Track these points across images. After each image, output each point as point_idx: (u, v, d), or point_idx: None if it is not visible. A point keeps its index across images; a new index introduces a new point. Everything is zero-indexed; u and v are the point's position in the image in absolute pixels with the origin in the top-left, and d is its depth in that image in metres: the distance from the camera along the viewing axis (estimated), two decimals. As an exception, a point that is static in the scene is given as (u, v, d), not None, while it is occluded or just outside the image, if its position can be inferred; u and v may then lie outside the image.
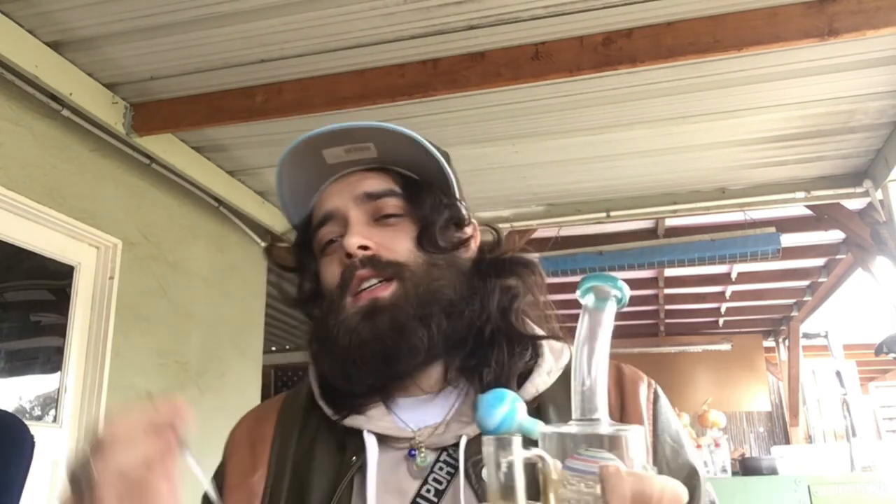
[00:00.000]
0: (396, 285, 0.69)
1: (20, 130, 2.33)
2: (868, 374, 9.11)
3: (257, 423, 0.76)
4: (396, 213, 0.73)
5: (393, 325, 0.66)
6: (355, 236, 0.70)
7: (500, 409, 0.45)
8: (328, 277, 0.73)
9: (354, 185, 0.74)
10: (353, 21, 2.12)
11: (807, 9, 2.01)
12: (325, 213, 0.74)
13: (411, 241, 0.71)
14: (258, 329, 3.83)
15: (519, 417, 0.46)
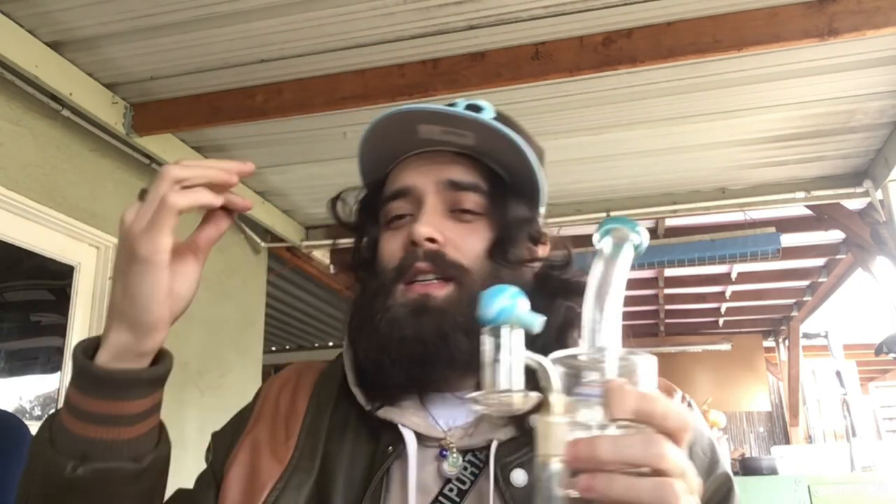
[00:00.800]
0: (453, 288, 0.65)
1: (20, 130, 2.33)
2: (868, 374, 9.11)
3: (293, 393, 0.74)
4: (475, 210, 0.69)
5: (438, 329, 0.63)
6: (426, 226, 0.66)
7: (499, 300, 0.44)
8: (386, 254, 0.69)
9: (441, 167, 0.70)
10: (353, 21, 2.12)
11: (807, 9, 2.01)
12: (402, 188, 0.70)
13: (482, 245, 0.68)
14: (258, 329, 3.83)
15: (519, 310, 0.44)
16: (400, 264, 0.67)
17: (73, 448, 0.57)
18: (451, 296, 0.65)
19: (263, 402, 0.75)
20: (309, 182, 3.33)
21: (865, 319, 6.35)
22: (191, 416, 3.09)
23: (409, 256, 0.66)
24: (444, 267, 0.65)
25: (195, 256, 0.66)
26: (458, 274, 0.66)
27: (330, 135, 2.82)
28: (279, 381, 0.77)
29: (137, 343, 0.57)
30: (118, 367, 0.57)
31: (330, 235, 4.01)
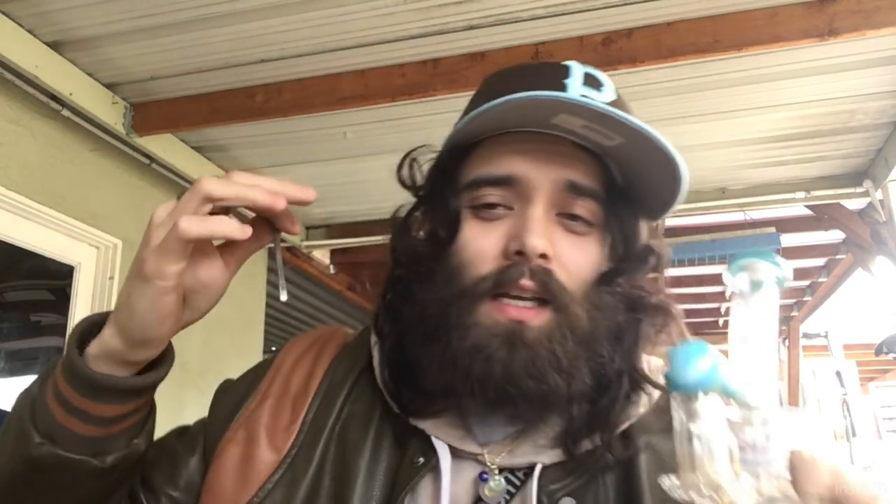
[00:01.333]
0: (551, 316, 0.56)
1: (20, 130, 2.33)
2: (868, 374, 9.11)
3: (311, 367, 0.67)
4: (588, 219, 0.59)
5: (531, 366, 0.54)
6: (542, 237, 0.55)
7: (700, 362, 0.37)
8: (475, 253, 0.57)
9: (560, 162, 0.58)
10: (353, 21, 2.12)
11: (807, 9, 2.01)
12: (508, 175, 0.58)
13: (592, 266, 0.58)
14: (258, 329, 3.83)
15: (722, 373, 0.37)
16: (498, 275, 0.56)
17: (44, 425, 0.54)
18: (549, 325, 0.55)
19: (276, 373, 0.68)
20: (309, 182, 3.25)
21: (865, 319, 6.36)
22: (191, 417, 3.06)
23: (512, 269, 0.55)
24: (549, 289, 0.55)
25: (226, 266, 0.59)
26: (561, 300, 0.55)
27: (330, 135, 2.82)
28: (297, 350, 0.70)
29: (126, 352, 0.55)
30: (98, 371, 0.54)
31: (330, 235, 4.00)
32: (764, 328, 0.39)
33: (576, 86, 0.58)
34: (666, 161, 0.55)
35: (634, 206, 0.61)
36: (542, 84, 0.57)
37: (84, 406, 0.54)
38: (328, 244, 3.95)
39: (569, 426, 0.57)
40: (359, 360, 0.66)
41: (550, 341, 0.55)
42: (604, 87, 0.60)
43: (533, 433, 0.59)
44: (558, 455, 0.57)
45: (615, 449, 0.57)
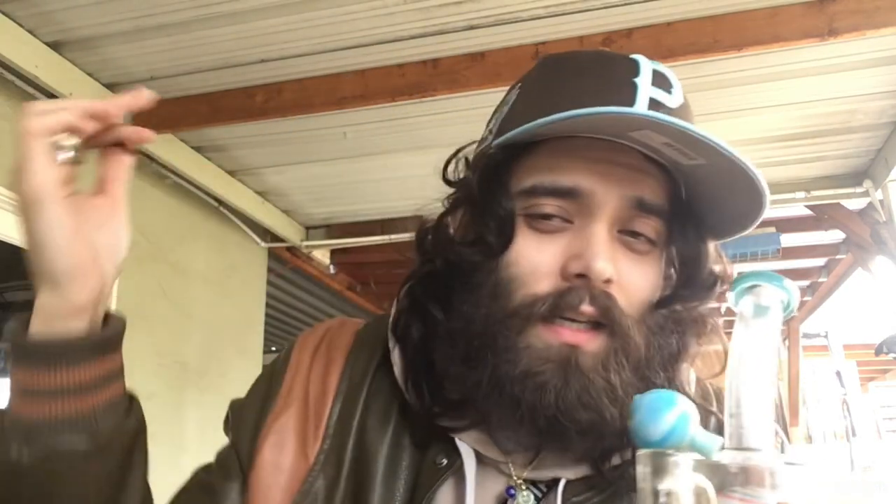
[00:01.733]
0: (606, 340, 0.52)
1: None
2: (868, 374, 9.11)
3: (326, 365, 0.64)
4: (650, 237, 0.55)
5: (584, 393, 0.50)
6: (608, 261, 0.51)
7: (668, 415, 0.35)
8: (526, 266, 0.53)
9: (631, 177, 0.53)
10: (353, 21, 2.12)
11: (807, 9, 2.01)
12: (573, 188, 0.53)
13: (651, 287, 0.55)
14: (258, 329, 3.83)
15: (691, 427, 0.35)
16: (557, 298, 0.51)
17: (16, 430, 0.49)
18: (605, 351, 0.52)
19: (295, 375, 0.64)
20: (309, 182, 3.33)
21: (865, 319, 6.35)
22: (191, 416, 3.09)
23: (573, 293, 0.51)
24: (610, 316, 0.51)
25: (110, 202, 0.54)
26: (619, 324, 0.52)
27: (330, 135, 2.82)
28: (310, 347, 0.66)
29: (62, 298, 0.49)
30: (51, 332, 0.49)
31: (330, 235, 3.98)
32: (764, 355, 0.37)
33: (645, 86, 0.55)
34: (746, 183, 0.51)
35: (701, 226, 0.56)
36: (612, 83, 0.54)
37: (53, 381, 0.49)
38: (328, 244, 3.95)
39: (599, 443, 0.54)
40: (375, 355, 0.63)
41: (607, 369, 0.51)
42: (673, 89, 0.57)
43: (556, 450, 0.56)
44: (584, 470, 0.55)
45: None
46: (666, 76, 0.57)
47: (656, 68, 0.57)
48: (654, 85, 0.55)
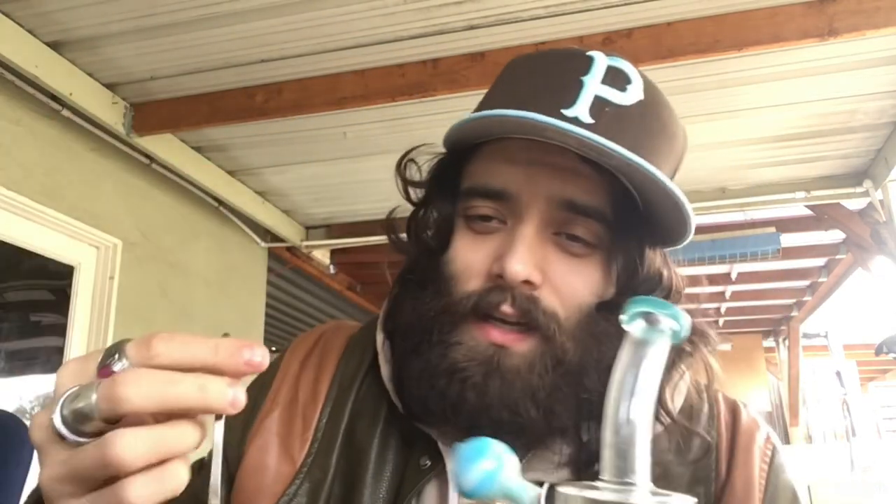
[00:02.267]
0: (536, 343, 0.52)
1: (20, 130, 2.33)
2: (868, 374, 9.12)
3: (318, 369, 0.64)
4: (589, 240, 0.54)
5: (507, 397, 0.51)
6: (524, 263, 0.51)
7: (479, 465, 0.35)
8: (463, 268, 0.54)
9: (560, 177, 0.53)
10: (353, 21, 2.12)
11: (807, 9, 2.01)
12: (499, 191, 0.54)
13: (590, 291, 0.53)
14: (258, 329, 3.83)
15: (503, 477, 0.35)
16: (479, 298, 0.53)
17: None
18: (532, 354, 0.52)
19: (283, 378, 0.64)
20: (309, 182, 3.33)
21: (865, 319, 6.36)
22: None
23: (493, 293, 0.52)
24: (533, 318, 0.51)
25: None
26: (546, 326, 0.52)
27: (330, 135, 2.82)
28: (302, 352, 0.66)
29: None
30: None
31: (330, 235, 3.98)
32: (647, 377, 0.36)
33: (593, 84, 0.53)
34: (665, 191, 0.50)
35: (646, 231, 0.54)
36: (557, 83, 0.53)
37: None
38: (328, 244, 3.96)
39: (580, 451, 0.54)
40: (366, 357, 0.63)
41: (530, 371, 0.51)
42: (630, 85, 0.54)
43: (537, 460, 0.55)
44: (567, 473, 0.54)
45: None
46: (623, 73, 0.55)
47: (614, 65, 0.55)
48: (605, 83, 0.53)
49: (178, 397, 0.34)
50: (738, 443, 0.58)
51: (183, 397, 0.34)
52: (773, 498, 0.56)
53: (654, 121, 0.55)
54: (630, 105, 0.54)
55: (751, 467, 0.57)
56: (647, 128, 0.54)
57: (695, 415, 0.59)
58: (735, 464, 0.57)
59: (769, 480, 0.57)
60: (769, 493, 0.56)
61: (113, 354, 0.35)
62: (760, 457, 0.58)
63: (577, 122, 0.50)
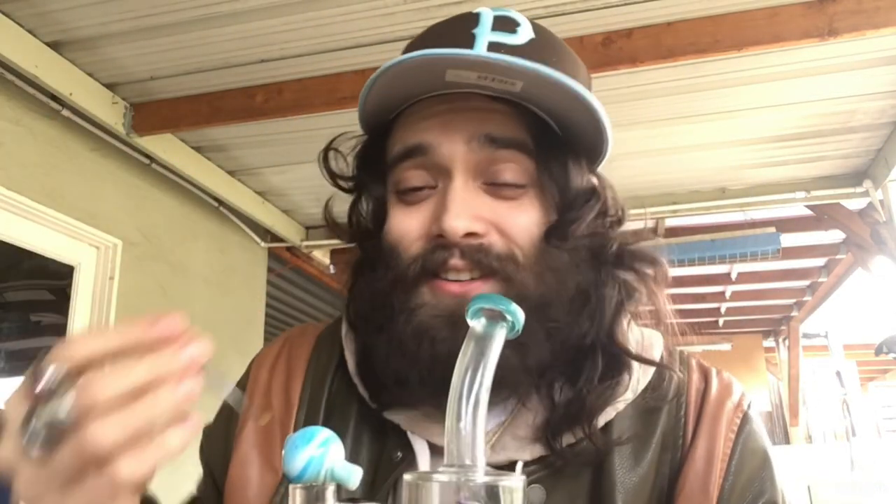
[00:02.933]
0: (496, 286, 0.52)
1: (20, 130, 2.33)
2: (868, 374, 9.12)
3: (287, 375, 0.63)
4: (518, 182, 0.54)
5: None
6: (461, 217, 0.51)
7: (305, 451, 0.37)
8: (402, 238, 0.54)
9: (474, 118, 0.53)
10: (353, 21, 2.12)
11: (807, 9, 2.01)
12: (418, 144, 0.54)
13: (535, 226, 0.53)
14: (258, 329, 3.83)
15: (329, 462, 0.37)
16: (424, 259, 0.53)
17: None
18: None
19: (253, 390, 0.64)
20: (309, 182, 3.33)
21: (865, 319, 6.36)
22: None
23: (437, 251, 0.52)
24: (486, 265, 0.52)
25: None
26: (503, 268, 0.52)
27: (330, 135, 2.80)
28: (268, 362, 0.66)
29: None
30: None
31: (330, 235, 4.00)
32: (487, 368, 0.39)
33: (483, 33, 0.54)
34: (576, 97, 0.51)
35: (569, 152, 0.55)
36: (447, 40, 0.54)
37: None
38: (328, 244, 3.96)
39: (549, 417, 0.54)
40: (334, 352, 0.63)
41: None
42: (519, 28, 0.56)
43: (512, 426, 0.55)
44: (539, 450, 0.54)
45: (597, 442, 0.54)
46: (511, 18, 0.57)
47: (500, 14, 0.56)
48: (495, 30, 0.54)
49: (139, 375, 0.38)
50: (704, 411, 0.57)
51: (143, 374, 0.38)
52: (739, 466, 0.55)
53: (551, 52, 0.56)
54: (524, 44, 0.55)
55: (714, 437, 0.56)
56: (545, 57, 0.54)
57: (665, 382, 0.59)
58: (699, 433, 0.56)
59: (735, 449, 0.55)
60: (735, 462, 0.55)
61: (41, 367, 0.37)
62: (727, 426, 0.56)
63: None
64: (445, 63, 0.51)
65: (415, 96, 0.55)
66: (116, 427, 0.36)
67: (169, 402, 0.39)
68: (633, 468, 0.55)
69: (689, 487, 0.54)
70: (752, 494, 0.55)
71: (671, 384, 0.59)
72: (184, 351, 0.40)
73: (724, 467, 0.55)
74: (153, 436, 0.38)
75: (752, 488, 0.55)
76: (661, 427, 0.57)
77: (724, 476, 0.54)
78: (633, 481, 0.54)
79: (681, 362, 0.61)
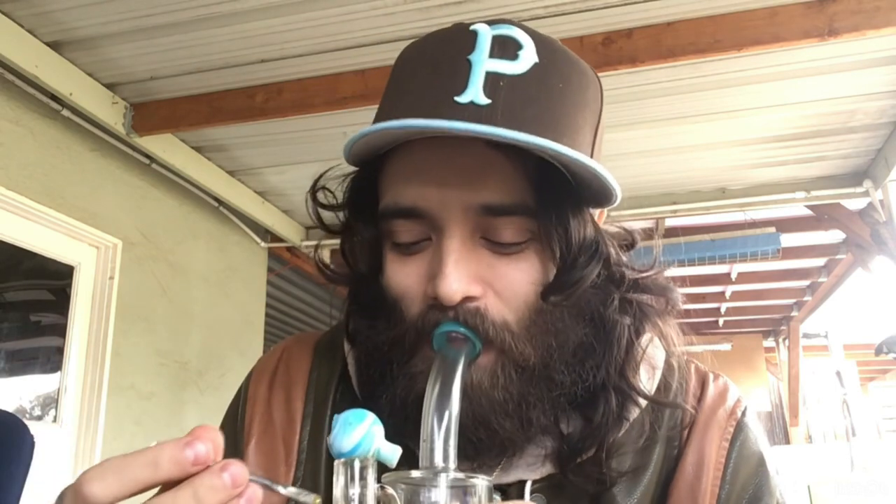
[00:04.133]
0: (494, 358, 0.50)
1: (20, 130, 2.33)
2: (868, 374, 9.12)
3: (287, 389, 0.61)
4: (518, 241, 0.50)
5: (477, 416, 0.49)
6: (458, 281, 0.48)
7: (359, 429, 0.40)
8: (399, 291, 0.52)
9: (467, 183, 0.49)
10: (353, 21, 2.12)
11: (807, 9, 2.01)
12: (411, 209, 0.50)
13: (532, 285, 0.50)
14: (258, 329, 3.83)
15: (377, 442, 0.40)
16: (421, 323, 0.50)
17: None
18: (493, 367, 0.50)
19: (253, 407, 0.61)
20: (309, 182, 3.26)
21: (865, 319, 6.36)
22: (191, 416, 3.09)
23: (432, 313, 0.50)
24: (486, 329, 0.49)
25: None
26: (499, 338, 0.49)
27: (330, 135, 2.82)
28: (267, 375, 0.63)
29: None
30: None
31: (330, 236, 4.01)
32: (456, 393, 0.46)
33: (481, 62, 0.49)
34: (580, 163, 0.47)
35: (572, 202, 0.51)
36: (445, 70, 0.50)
37: None
38: (328, 244, 3.96)
39: (561, 446, 0.54)
40: (336, 365, 0.61)
41: (494, 387, 0.50)
42: (521, 51, 0.50)
43: (520, 456, 0.54)
44: (548, 469, 0.54)
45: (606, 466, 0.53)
46: (511, 39, 0.51)
47: (500, 33, 0.51)
48: (494, 56, 0.50)
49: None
50: (697, 419, 0.57)
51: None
52: (734, 474, 0.54)
53: (556, 80, 0.51)
54: (526, 72, 0.50)
55: (704, 445, 0.55)
56: (549, 90, 0.50)
57: (666, 390, 0.58)
58: (691, 440, 0.56)
59: (729, 458, 0.55)
60: (730, 470, 0.54)
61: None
62: (720, 434, 0.56)
63: (472, 108, 0.47)
64: (427, 134, 0.48)
65: (406, 138, 0.51)
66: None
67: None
68: (634, 481, 0.55)
69: (677, 494, 0.54)
70: (747, 501, 0.54)
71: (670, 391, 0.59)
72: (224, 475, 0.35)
73: (719, 476, 0.54)
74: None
75: (747, 495, 0.54)
76: (665, 433, 0.57)
77: (720, 485, 0.54)
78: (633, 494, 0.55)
79: (679, 370, 0.60)
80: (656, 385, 0.57)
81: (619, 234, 0.57)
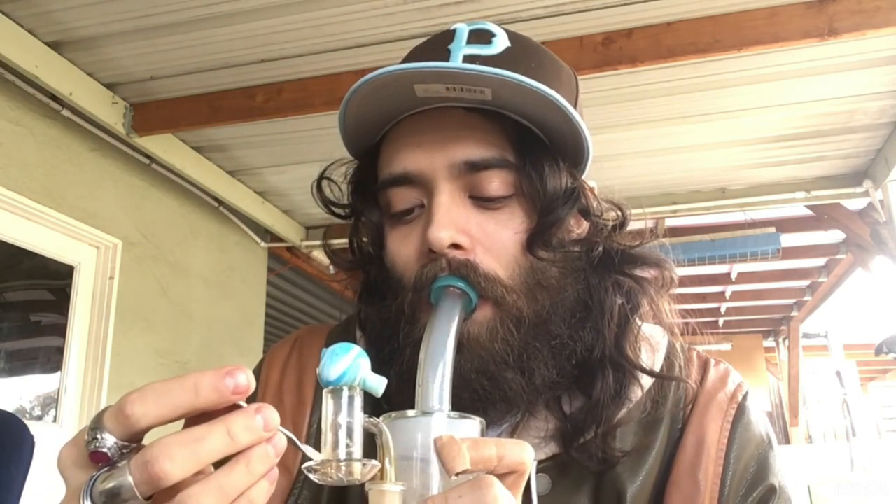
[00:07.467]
0: (491, 311, 0.53)
1: (20, 130, 2.33)
2: (868, 374, 9.12)
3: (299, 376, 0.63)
4: (502, 194, 0.54)
5: (481, 369, 0.52)
6: (446, 228, 0.52)
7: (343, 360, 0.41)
8: (399, 262, 0.56)
9: (450, 141, 0.53)
10: (353, 21, 2.12)
11: (807, 9, 2.01)
12: (402, 174, 0.55)
13: (518, 237, 0.54)
14: (258, 329, 3.83)
15: (363, 372, 0.42)
16: (416, 278, 0.53)
17: None
18: (490, 321, 0.53)
19: (265, 389, 0.64)
20: (309, 182, 3.25)
21: (865, 319, 6.36)
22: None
23: (427, 267, 0.53)
24: (476, 281, 0.52)
25: None
26: (493, 291, 0.52)
27: (330, 135, 2.82)
28: (280, 359, 0.66)
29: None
30: None
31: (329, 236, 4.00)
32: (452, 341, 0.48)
33: (460, 48, 0.55)
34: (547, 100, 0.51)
35: (548, 156, 0.54)
36: (424, 59, 0.55)
37: None
38: (334, 243, 3.95)
39: (565, 425, 0.55)
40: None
41: (494, 339, 0.52)
42: (495, 38, 0.57)
43: (525, 431, 0.56)
44: (553, 449, 0.55)
45: (610, 451, 0.54)
46: (487, 30, 0.58)
47: (476, 27, 0.58)
48: (469, 44, 0.56)
49: (212, 452, 0.34)
50: (698, 401, 0.58)
51: (217, 450, 0.34)
52: (737, 456, 0.55)
53: (528, 59, 0.56)
54: (500, 53, 0.55)
55: (706, 426, 0.56)
56: (521, 64, 0.54)
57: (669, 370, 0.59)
58: (691, 421, 0.57)
59: (731, 440, 0.56)
60: (733, 454, 0.55)
61: (96, 432, 0.36)
62: (722, 416, 0.57)
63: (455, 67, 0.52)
64: (407, 79, 0.51)
65: (393, 116, 0.56)
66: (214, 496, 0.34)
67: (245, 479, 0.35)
68: (638, 461, 0.56)
69: (676, 474, 0.55)
70: (749, 482, 0.55)
71: (677, 388, 0.60)
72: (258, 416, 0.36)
73: (721, 456, 0.55)
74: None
75: (749, 475, 0.55)
76: (664, 421, 0.58)
77: (723, 466, 0.55)
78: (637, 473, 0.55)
79: (682, 353, 0.62)
80: (659, 366, 0.59)
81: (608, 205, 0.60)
